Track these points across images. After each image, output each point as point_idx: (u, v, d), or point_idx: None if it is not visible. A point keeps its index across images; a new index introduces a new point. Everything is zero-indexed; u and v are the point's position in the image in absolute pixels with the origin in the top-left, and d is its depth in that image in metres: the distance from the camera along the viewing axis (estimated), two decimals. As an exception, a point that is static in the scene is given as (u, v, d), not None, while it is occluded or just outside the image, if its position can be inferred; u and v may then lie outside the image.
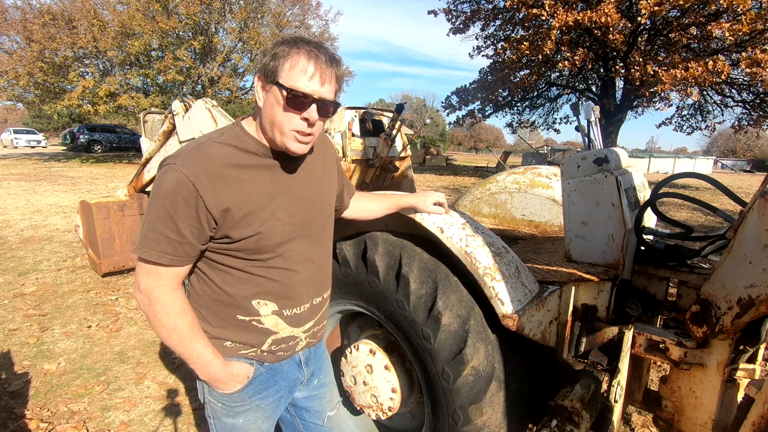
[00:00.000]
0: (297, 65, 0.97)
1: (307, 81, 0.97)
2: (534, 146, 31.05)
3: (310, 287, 1.19)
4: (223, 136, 1.06)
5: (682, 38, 13.95)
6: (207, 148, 1.02)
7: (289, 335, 1.19)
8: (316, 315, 1.25)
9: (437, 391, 1.54)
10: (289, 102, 0.98)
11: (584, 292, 1.77)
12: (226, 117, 3.18)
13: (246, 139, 1.06)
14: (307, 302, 1.19)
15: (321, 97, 1.00)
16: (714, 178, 1.74)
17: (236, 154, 1.04)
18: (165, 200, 0.96)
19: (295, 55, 0.97)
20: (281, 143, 1.03)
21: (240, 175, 1.02)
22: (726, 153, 59.55)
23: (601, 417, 1.60)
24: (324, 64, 0.99)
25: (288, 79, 0.97)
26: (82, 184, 12.25)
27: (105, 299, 4.11)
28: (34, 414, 2.43)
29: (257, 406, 1.22)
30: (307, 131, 1.02)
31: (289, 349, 1.22)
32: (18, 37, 17.70)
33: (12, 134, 29.38)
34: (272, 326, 1.15)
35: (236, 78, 22.27)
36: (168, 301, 1.02)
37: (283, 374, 1.25)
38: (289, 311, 1.16)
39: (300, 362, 1.30)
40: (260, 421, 1.24)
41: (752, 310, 1.30)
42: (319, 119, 1.03)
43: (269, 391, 1.23)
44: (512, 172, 3.18)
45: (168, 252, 0.98)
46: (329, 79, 1.01)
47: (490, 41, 19.11)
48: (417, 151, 28.83)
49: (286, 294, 1.14)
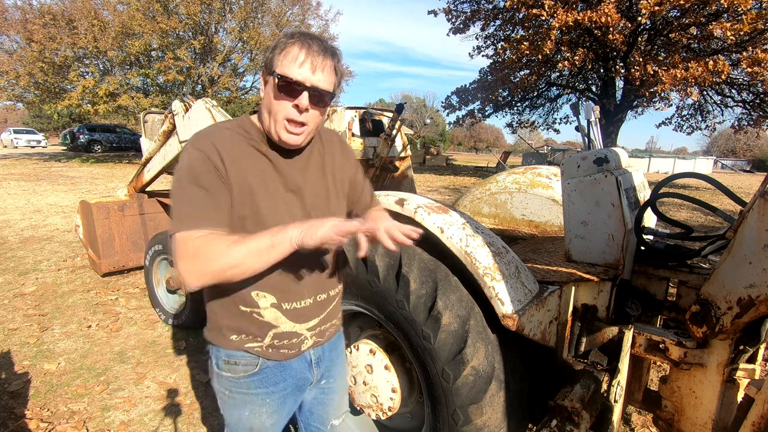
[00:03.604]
0: (290, 53, 1.00)
1: (297, 68, 1.00)
2: (534, 146, 31.05)
3: (311, 283, 1.18)
4: (228, 123, 1.12)
5: (682, 38, 13.94)
6: (214, 130, 1.08)
7: (291, 331, 1.18)
8: (321, 313, 1.24)
9: (437, 391, 1.54)
10: (280, 89, 1.01)
11: (584, 292, 1.77)
12: (226, 117, 3.18)
13: (249, 128, 1.10)
14: (308, 298, 1.18)
15: (313, 84, 1.01)
16: (714, 178, 1.74)
17: (239, 138, 1.08)
18: (190, 175, 0.99)
19: (289, 46, 1.01)
20: (276, 133, 1.05)
21: (240, 157, 1.05)
22: (726, 153, 59.54)
23: (601, 417, 1.60)
24: (316, 53, 1.01)
25: (281, 67, 1.00)
26: (82, 184, 12.25)
27: (105, 299, 4.11)
28: (34, 414, 2.43)
29: (262, 400, 1.21)
30: (298, 119, 1.03)
31: (293, 346, 1.20)
32: (18, 37, 17.70)
33: (12, 134, 29.37)
34: (272, 319, 1.15)
35: (236, 78, 22.28)
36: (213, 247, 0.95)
37: (292, 371, 1.24)
38: (288, 305, 1.15)
39: (311, 361, 1.28)
40: (264, 416, 1.24)
41: (752, 310, 1.30)
42: (314, 109, 1.04)
43: (276, 387, 1.22)
44: (512, 172, 3.18)
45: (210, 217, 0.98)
46: (321, 68, 1.02)
47: (490, 41, 19.11)
48: (417, 151, 28.84)
49: (284, 287, 1.13)
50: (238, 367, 1.17)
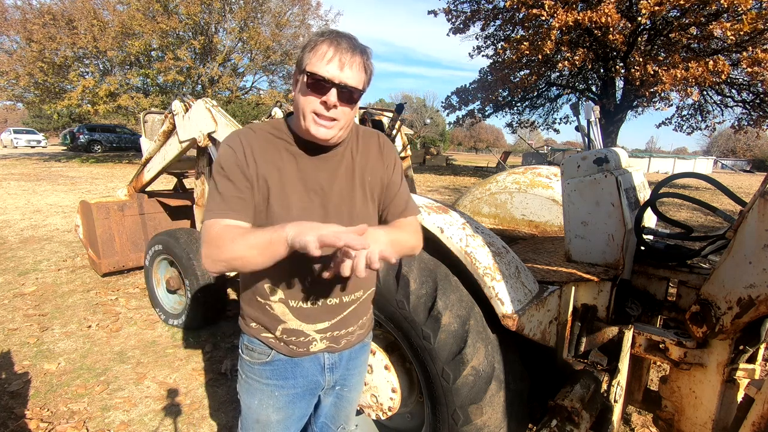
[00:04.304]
0: (318, 51, 1.01)
1: (325, 65, 1.00)
2: (534, 146, 31.06)
3: (323, 285, 1.15)
4: (262, 123, 1.17)
5: (682, 38, 13.95)
6: (246, 128, 1.15)
7: (297, 329, 1.18)
8: (333, 317, 1.20)
9: (437, 391, 1.54)
10: (309, 86, 1.02)
11: (584, 292, 1.77)
12: (226, 117, 3.17)
13: (281, 127, 1.14)
14: (318, 300, 1.16)
15: (341, 81, 1.01)
16: (714, 178, 1.74)
17: (268, 136, 1.12)
18: (221, 170, 1.07)
19: (320, 44, 1.02)
20: (304, 128, 1.07)
21: (266, 154, 1.10)
22: (726, 153, 59.55)
23: (601, 417, 1.60)
24: (345, 50, 1.01)
25: (310, 65, 1.02)
26: (82, 184, 12.25)
27: (105, 299, 4.11)
28: (34, 414, 2.43)
29: (271, 392, 1.23)
30: (326, 114, 1.04)
31: (301, 344, 1.20)
32: (18, 37, 17.71)
33: (12, 134, 29.38)
34: (280, 314, 1.17)
35: (236, 78, 22.28)
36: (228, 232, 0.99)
37: (303, 371, 1.24)
38: (295, 303, 1.15)
39: (323, 366, 1.27)
40: (271, 410, 1.24)
41: (752, 310, 1.30)
42: (343, 106, 1.04)
43: (286, 382, 1.23)
44: (512, 172, 3.18)
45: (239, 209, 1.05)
46: (350, 65, 1.02)
47: (490, 41, 19.12)
48: (417, 151, 28.84)
49: (292, 285, 1.14)
50: (254, 353, 1.23)
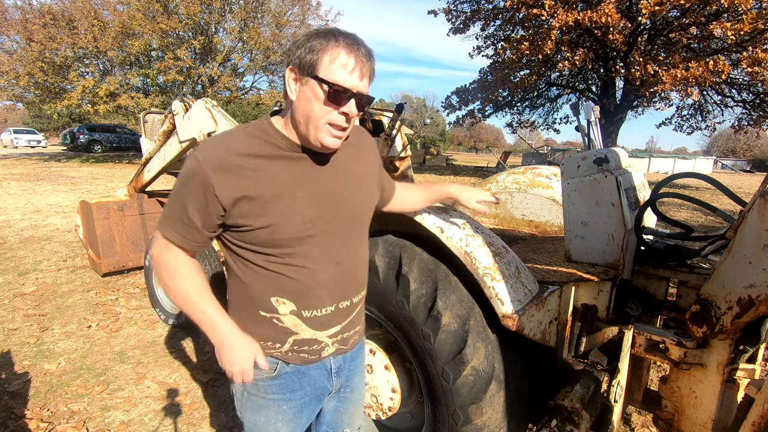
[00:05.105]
0: (337, 59, 0.95)
1: (347, 75, 0.96)
2: (534, 146, 31.06)
3: (333, 289, 1.13)
4: (249, 127, 1.07)
5: (682, 38, 13.94)
6: (231, 136, 1.04)
7: (311, 338, 1.15)
8: (343, 320, 1.19)
9: (437, 391, 1.54)
10: (330, 96, 0.96)
11: (584, 292, 1.77)
12: (226, 117, 3.17)
13: (270, 132, 1.06)
14: (330, 305, 1.14)
15: (359, 91, 0.99)
16: (714, 178, 1.74)
17: (259, 144, 1.03)
18: (181, 183, 1.02)
19: (334, 48, 0.95)
20: (315, 139, 1.01)
21: (258, 165, 1.01)
22: (726, 153, 59.53)
23: (601, 417, 1.60)
24: (363, 58, 0.98)
25: (328, 72, 0.95)
26: (82, 184, 12.25)
27: (105, 299, 4.11)
28: (34, 414, 2.43)
29: (278, 406, 1.19)
30: (344, 125, 1.01)
31: (314, 352, 1.17)
32: (18, 37, 17.70)
33: (12, 134, 29.36)
34: (292, 326, 1.12)
35: (236, 78, 22.27)
36: (172, 265, 1.07)
37: (311, 379, 1.21)
38: (309, 312, 1.12)
39: (330, 371, 1.25)
40: (280, 424, 1.21)
41: (752, 310, 1.30)
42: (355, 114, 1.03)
43: (293, 395, 1.19)
44: (512, 172, 3.18)
45: (180, 233, 1.04)
46: (368, 74, 1.00)
47: (490, 41, 19.10)
48: (417, 151, 28.83)
49: (305, 294, 1.10)
50: (257, 369, 1.14)
